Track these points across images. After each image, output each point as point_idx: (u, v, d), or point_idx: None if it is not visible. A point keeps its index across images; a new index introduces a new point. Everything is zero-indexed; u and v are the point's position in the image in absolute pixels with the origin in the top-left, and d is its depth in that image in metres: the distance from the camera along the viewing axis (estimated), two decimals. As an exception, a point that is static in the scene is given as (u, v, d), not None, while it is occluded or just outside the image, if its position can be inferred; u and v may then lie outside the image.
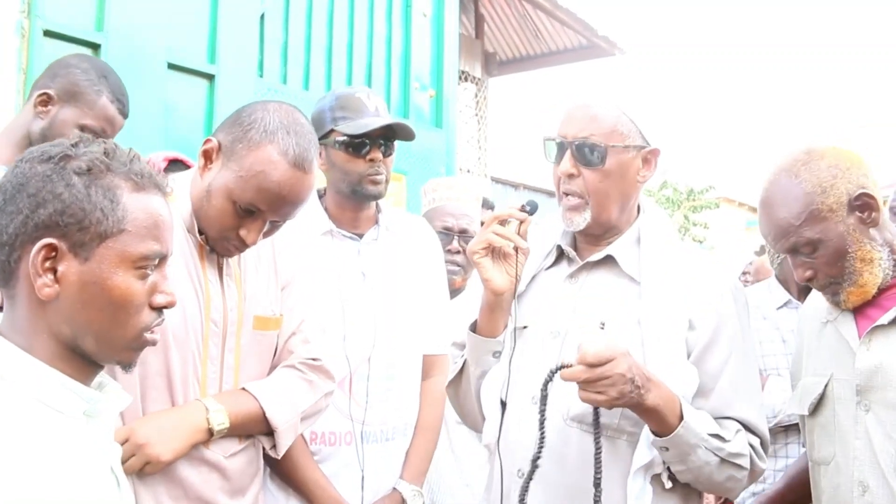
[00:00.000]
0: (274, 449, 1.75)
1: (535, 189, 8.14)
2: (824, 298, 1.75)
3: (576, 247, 1.73)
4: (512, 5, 7.81)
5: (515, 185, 7.79)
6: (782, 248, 1.70)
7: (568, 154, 1.62)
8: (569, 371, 1.43)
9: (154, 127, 3.12)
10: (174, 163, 2.48)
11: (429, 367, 2.25)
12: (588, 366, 1.41)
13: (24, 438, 0.99)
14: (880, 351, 1.62)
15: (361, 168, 2.11)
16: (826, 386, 1.71)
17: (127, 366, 1.15)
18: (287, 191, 1.59)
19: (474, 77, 8.03)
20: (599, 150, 1.60)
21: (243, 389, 1.71)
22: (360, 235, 2.18)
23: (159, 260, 1.13)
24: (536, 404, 1.57)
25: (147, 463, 1.54)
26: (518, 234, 1.61)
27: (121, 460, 1.46)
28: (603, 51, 8.12)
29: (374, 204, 2.22)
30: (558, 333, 1.63)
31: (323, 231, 2.15)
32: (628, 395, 1.43)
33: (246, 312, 1.72)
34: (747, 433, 1.60)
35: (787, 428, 2.58)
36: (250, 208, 1.59)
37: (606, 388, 1.42)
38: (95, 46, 2.95)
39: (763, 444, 1.63)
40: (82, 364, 1.10)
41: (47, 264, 1.05)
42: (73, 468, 1.02)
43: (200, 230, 1.66)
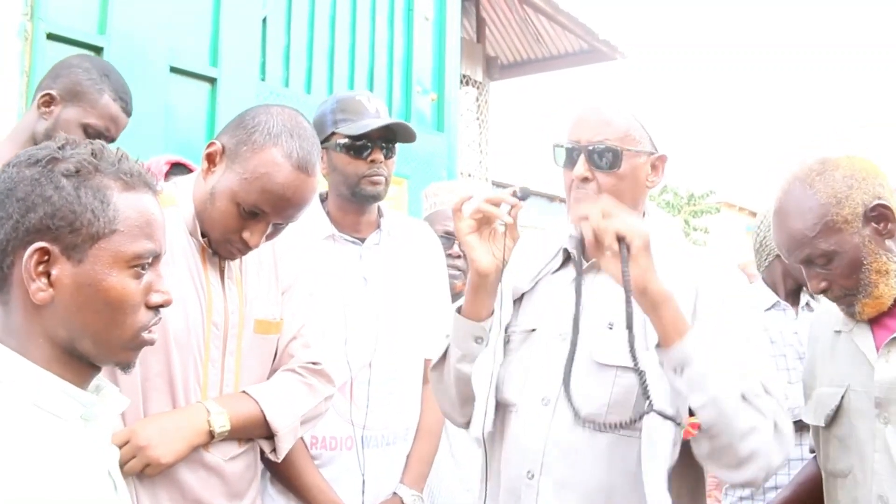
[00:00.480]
0: (274, 452, 1.75)
1: (536, 193, 8.14)
2: (839, 309, 1.72)
3: (582, 248, 1.73)
4: (513, 9, 7.82)
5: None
6: (796, 259, 1.68)
7: (582, 158, 1.61)
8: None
9: (156, 130, 3.12)
10: (176, 166, 2.49)
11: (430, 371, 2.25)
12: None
13: (21, 443, 0.98)
14: None
15: (362, 169, 2.11)
16: (843, 397, 1.68)
17: (126, 366, 1.15)
18: (291, 193, 1.59)
19: (475, 81, 8.04)
20: (614, 154, 1.59)
21: (244, 393, 1.70)
22: (362, 240, 2.18)
23: (153, 259, 1.12)
24: (546, 405, 1.57)
25: (147, 465, 1.54)
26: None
27: (121, 462, 1.46)
28: (604, 55, 8.13)
29: (377, 208, 2.22)
30: (566, 336, 1.62)
31: (325, 235, 2.14)
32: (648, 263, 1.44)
33: (247, 315, 1.72)
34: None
35: None
36: (254, 210, 1.59)
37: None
38: (98, 49, 2.95)
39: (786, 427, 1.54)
40: (79, 367, 1.10)
41: (40, 268, 1.04)
42: (70, 472, 1.01)
43: (203, 233, 1.66)
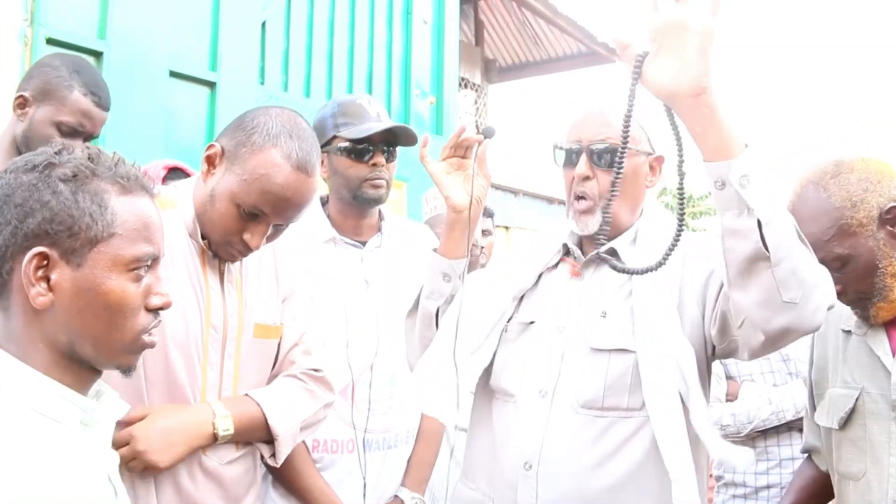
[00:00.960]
0: (273, 457, 1.74)
1: (534, 195, 8.14)
2: (851, 312, 1.72)
3: (581, 247, 1.76)
4: (512, 12, 7.84)
5: (515, 192, 7.79)
6: None
7: (583, 157, 1.65)
8: None
9: (156, 134, 3.13)
10: (174, 171, 2.49)
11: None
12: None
13: (21, 448, 0.98)
14: None
15: (363, 173, 2.11)
16: (857, 400, 1.67)
17: (127, 370, 1.15)
18: (291, 193, 1.59)
19: (474, 84, 8.05)
20: (614, 153, 1.61)
21: (246, 396, 1.70)
22: (363, 243, 2.18)
23: (152, 261, 1.13)
24: (544, 397, 1.59)
25: (146, 468, 1.54)
26: (477, 158, 1.68)
27: (121, 462, 1.46)
28: (602, 57, 8.15)
29: (377, 211, 2.22)
30: (563, 328, 1.65)
31: (326, 239, 2.14)
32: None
33: (246, 319, 1.72)
34: None
35: (764, 431, 2.57)
36: (254, 212, 1.59)
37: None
38: (98, 54, 2.96)
39: None
40: (79, 372, 1.10)
41: (40, 273, 1.04)
42: (70, 477, 1.01)
43: (204, 235, 1.66)
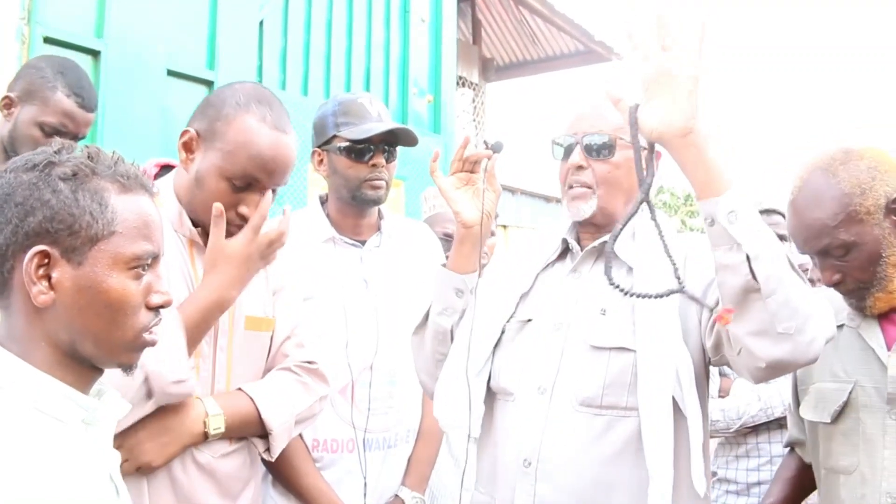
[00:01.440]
0: (268, 451, 1.74)
1: (533, 194, 8.14)
2: (845, 303, 1.70)
3: (579, 243, 1.76)
4: (509, 11, 7.83)
5: (513, 191, 7.80)
6: (813, 249, 1.64)
7: (578, 148, 1.66)
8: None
9: (153, 133, 3.12)
10: (165, 168, 2.48)
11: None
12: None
13: (23, 447, 0.98)
14: None
15: (363, 173, 2.10)
16: (850, 394, 1.66)
17: (128, 368, 1.15)
18: (275, 152, 1.61)
19: (471, 82, 8.05)
20: (608, 143, 1.64)
21: (239, 390, 1.70)
22: (363, 242, 2.18)
23: (152, 260, 1.13)
24: (542, 394, 1.59)
25: (138, 468, 1.54)
26: (486, 173, 1.67)
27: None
28: (600, 56, 8.15)
29: (377, 210, 2.22)
30: (561, 325, 1.65)
31: (325, 238, 2.14)
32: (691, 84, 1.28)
33: (237, 312, 1.71)
34: None
35: (755, 428, 2.57)
36: (245, 180, 1.60)
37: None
38: (95, 53, 2.95)
39: None
40: (81, 371, 1.10)
41: (41, 271, 1.05)
42: (72, 476, 1.01)
43: (196, 223, 1.66)
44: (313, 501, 2.00)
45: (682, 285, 1.38)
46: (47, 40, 2.82)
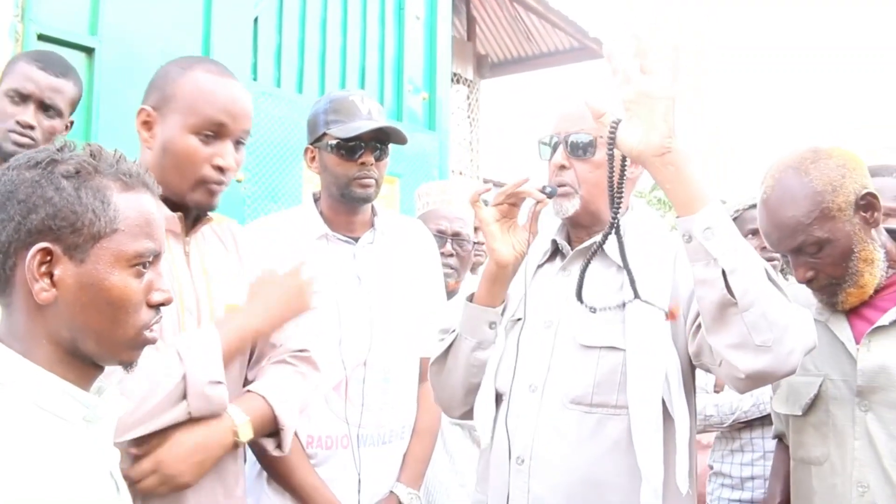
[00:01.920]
0: (279, 448, 1.73)
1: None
2: (815, 298, 1.73)
3: (569, 242, 1.77)
4: (503, 7, 7.83)
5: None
6: (787, 247, 1.67)
7: (560, 148, 1.67)
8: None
9: (148, 131, 3.10)
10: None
11: (425, 370, 2.25)
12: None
13: (24, 443, 0.99)
14: (882, 352, 1.62)
15: (352, 171, 2.11)
16: (820, 387, 1.70)
17: (128, 365, 1.16)
18: (232, 93, 1.65)
19: (466, 79, 8.05)
20: (589, 142, 1.65)
21: (249, 391, 1.69)
22: (356, 239, 2.18)
23: (153, 257, 1.14)
24: (534, 392, 1.60)
25: (173, 489, 1.54)
26: (531, 214, 1.66)
27: (145, 487, 1.48)
28: (594, 52, 8.14)
29: (370, 207, 2.22)
30: (551, 324, 1.66)
31: (318, 235, 2.15)
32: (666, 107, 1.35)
33: (216, 300, 1.71)
34: None
35: (749, 424, 2.59)
36: (212, 127, 1.62)
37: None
38: (89, 50, 2.94)
39: None
40: (82, 368, 1.11)
41: (43, 269, 1.05)
42: (73, 473, 1.02)
43: (174, 203, 1.63)
44: (308, 498, 2.01)
45: (638, 297, 1.49)
46: (41, 37, 2.81)
